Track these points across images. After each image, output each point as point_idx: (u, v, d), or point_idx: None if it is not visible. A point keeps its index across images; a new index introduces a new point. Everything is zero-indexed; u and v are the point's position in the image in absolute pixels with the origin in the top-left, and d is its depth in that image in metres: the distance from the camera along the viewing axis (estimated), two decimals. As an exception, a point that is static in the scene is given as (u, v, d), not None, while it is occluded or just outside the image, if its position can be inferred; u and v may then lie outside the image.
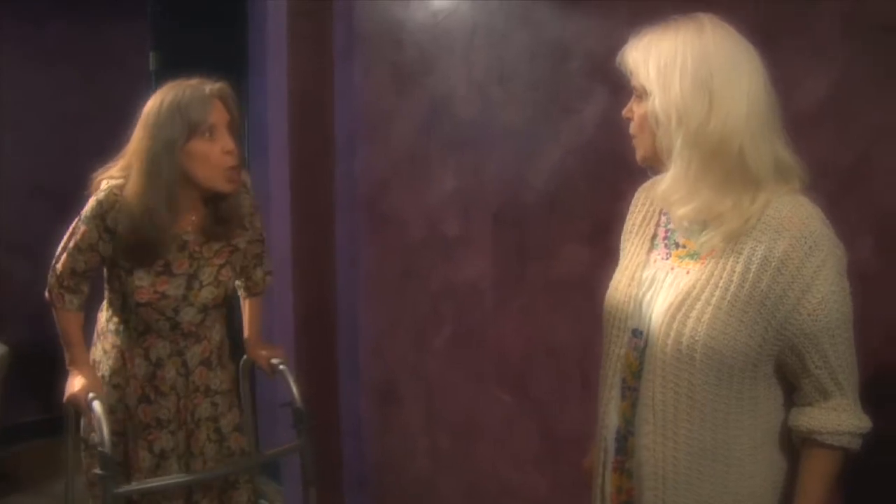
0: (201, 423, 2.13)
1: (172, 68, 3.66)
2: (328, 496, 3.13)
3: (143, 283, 2.00)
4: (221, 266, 2.11)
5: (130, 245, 1.97)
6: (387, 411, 2.96)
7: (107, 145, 2.07)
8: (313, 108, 2.98)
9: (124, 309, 2.05)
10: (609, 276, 1.48)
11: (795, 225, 1.22)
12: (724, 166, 1.23)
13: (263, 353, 2.29)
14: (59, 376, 2.07)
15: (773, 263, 1.21)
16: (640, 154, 1.36)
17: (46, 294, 2.06)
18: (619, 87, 1.96)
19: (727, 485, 1.30)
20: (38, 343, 2.15)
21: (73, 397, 1.97)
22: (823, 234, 1.23)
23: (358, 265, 3.01)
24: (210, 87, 1.98)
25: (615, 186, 1.61)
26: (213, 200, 2.05)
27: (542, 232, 2.27)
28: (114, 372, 2.07)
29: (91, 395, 1.94)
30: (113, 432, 2.05)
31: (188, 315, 2.07)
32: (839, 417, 1.26)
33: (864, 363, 1.32)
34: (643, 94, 1.29)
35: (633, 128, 1.35)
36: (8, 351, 3.50)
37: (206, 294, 2.08)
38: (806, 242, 1.21)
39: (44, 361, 2.07)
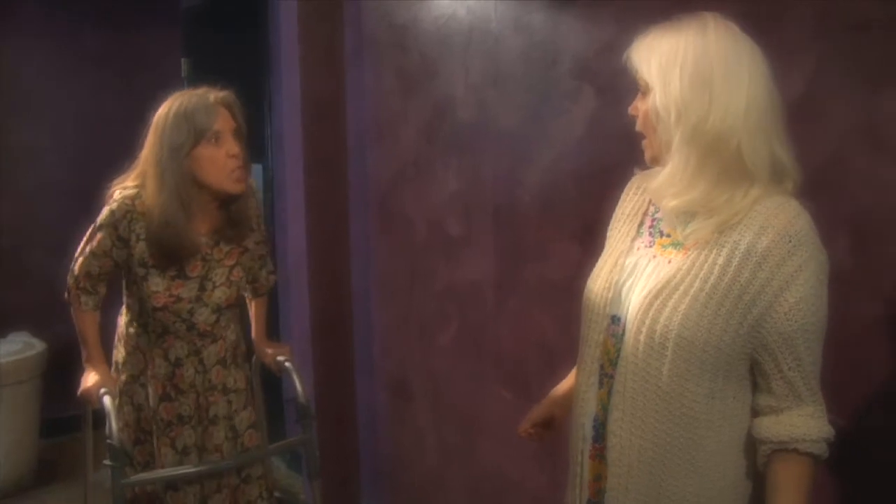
0: (218, 420, 2.20)
1: (203, 74, 3.82)
2: (345, 488, 3.21)
3: (158, 288, 2.08)
4: (232, 267, 2.19)
5: (155, 251, 2.06)
6: (399, 407, 3.01)
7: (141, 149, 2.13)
8: (326, 111, 3.04)
9: (142, 313, 2.14)
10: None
11: (781, 222, 1.22)
12: (722, 162, 1.23)
13: (270, 350, 2.35)
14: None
15: (755, 258, 1.21)
16: (649, 155, 1.35)
17: (65, 294, 2.16)
18: (606, 89, 2.00)
19: (689, 483, 1.29)
20: (74, 341, 2.24)
21: (86, 392, 2.07)
22: (808, 236, 1.22)
23: (371, 264, 3.07)
24: (215, 95, 2.07)
25: (603, 185, 1.63)
26: (225, 205, 2.13)
27: (536, 231, 2.30)
28: (140, 371, 2.16)
29: (102, 389, 2.03)
30: (141, 430, 2.17)
31: (202, 316, 2.15)
32: (818, 424, 1.25)
33: (838, 361, 1.31)
34: (646, 90, 1.30)
35: (638, 124, 1.35)
36: (46, 348, 3.66)
37: (220, 294, 2.16)
38: (790, 241, 1.21)
39: (81, 359, 2.18)
